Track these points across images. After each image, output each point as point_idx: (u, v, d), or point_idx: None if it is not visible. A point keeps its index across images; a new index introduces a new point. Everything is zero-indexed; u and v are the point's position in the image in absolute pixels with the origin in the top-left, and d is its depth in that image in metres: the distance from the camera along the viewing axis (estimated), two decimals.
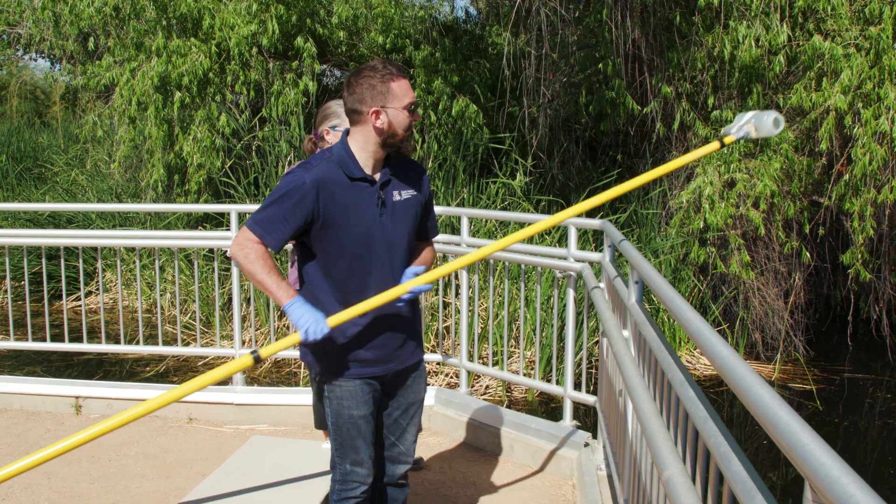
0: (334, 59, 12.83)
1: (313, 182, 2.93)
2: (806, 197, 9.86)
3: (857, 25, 8.96)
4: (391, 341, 3.11)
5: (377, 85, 2.91)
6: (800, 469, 1.31)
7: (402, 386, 3.25)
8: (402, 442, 3.30)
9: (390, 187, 3.04)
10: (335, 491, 3.20)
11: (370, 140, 2.97)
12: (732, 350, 1.90)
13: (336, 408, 3.08)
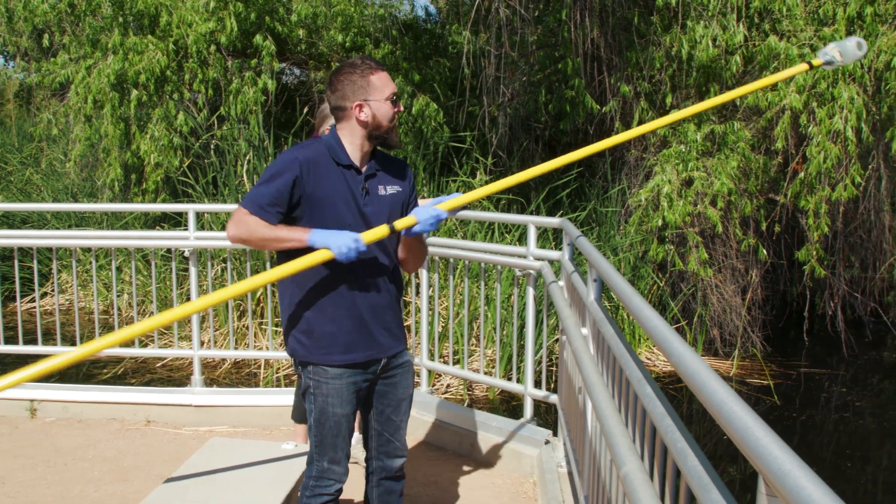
0: (294, 58, 12.76)
1: (305, 160, 2.98)
2: (762, 195, 9.98)
3: (812, 26, 9.08)
4: (371, 329, 3.12)
5: (357, 80, 2.99)
6: (753, 463, 1.32)
7: (391, 383, 3.28)
8: (397, 438, 3.34)
9: (376, 180, 3.10)
10: (309, 487, 3.20)
11: (356, 134, 3.04)
12: (688, 347, 1.91)
13: (321, 405, 3.10)
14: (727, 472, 6.84)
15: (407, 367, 3.32)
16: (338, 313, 3.07)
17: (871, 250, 10.73)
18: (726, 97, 3.64)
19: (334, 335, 3.08)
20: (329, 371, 3.09)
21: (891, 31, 8.54)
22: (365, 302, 3.10)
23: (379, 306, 3.14)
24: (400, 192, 3.17)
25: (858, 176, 8.90)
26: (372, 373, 3.19)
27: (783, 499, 1.21)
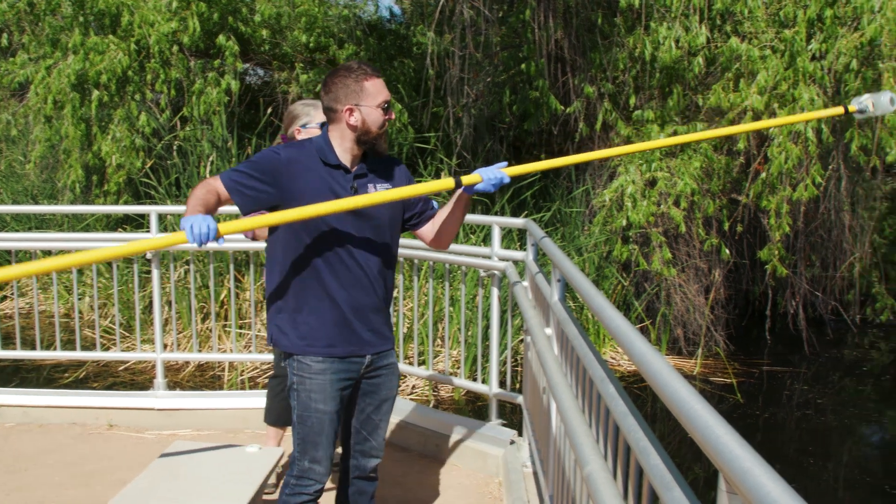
0: (257, 58, 12.68)
1: (286, 156, 3.04)
2: (725, 195, 10.07)
3: (773, 28, 9.17)
4: (353, 326, 3.14)
5: (351, 84, 3.02)
6: (714, 461, 1.33)
7: (375, 383, 3.29)
8: (375, 437, 3.35)
9: (366, 180, 3.13)
10: (289, 485, 3.21)
11: (346, 137, 3.07)
12: (651, 346, 1.92)
13: (304, 401, 3.11)
14: (692, 470, 6.89)
15: (392, 368, 3.33)
16: (321, 307, 3.10)
17: (832, 249, 10.87)
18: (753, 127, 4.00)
19: (316, 328, 3.10)
20: (313, 366, 3.09)
21: (849, 33, 8.64)
22: (349, 301, 3.11)
23: (364, 307, 3.15)
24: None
25: (819, 176, 9.00)
26: (356, 371, 3.19)
27: (743, 496, 1.21)
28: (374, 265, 3.15)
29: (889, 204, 12.50)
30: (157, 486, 3.75)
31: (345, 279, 3.09)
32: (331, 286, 3.08)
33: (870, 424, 8.71)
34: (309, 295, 3.10)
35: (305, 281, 3.09)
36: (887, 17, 8.37)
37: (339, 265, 3.08)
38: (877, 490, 6.92)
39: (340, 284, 3.09)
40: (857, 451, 8.01)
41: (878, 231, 11.77)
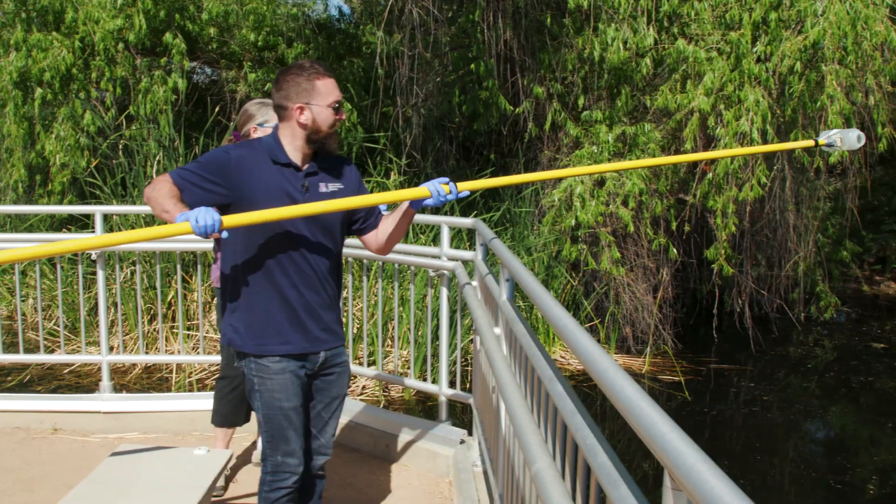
0: (205, 57, 12.56)
1: (237, 157, 3.04)
2: (672, 195, 10.17)
3: (719, 30, 9.29)
4: (306, 325, 3.16)
5: (303, 82, 3.03)
6: (659, 458, 1.34)
7: (327, 380, 3.32)
8: (323, 434, 3.36)
9: (317, 178, 3.14)
10: (266, 482, 3.24)
11: (296, 135, 3.08)
12: (597, 345, 1.93)
13: (267, 400, 3.14)
14: (641, 467, 6.95)
15: (344, 366, 3.36)
16: (273, 306, 3.11)
17: (777, 248, 11.03)
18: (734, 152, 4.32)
19: (269, 327, 3.12)
20: (272, 367, 3.12)
21: (793, 36, 8.78)
22: (300, 300, 3.13)
23: (315, 305, 3.18)
24: (342, 189, 3.19)
25: (764, 177, 9.13)
26: (311, 368, 3.23)
27: (687, 492, 1.22)
28: (324, 264, 3.17)
29: (832, 204, 12.73)
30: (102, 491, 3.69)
31: (296, 278, 3.11)
32: (282, 285, 3.10)
33: (814, 420, 8.86)
34: (261, 294, 3.11)
35: (257, 281, 3.10)
36: (830, 21, 8.51)
37: (289, 264, 3.09)
38: (821, 484, 7.03)
39: (291, 283, 3.11)
40: (802, 447, 8.14)
41: (822, 230, 11.97)
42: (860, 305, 14.96)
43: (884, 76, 9.24)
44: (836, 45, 8.69)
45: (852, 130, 4.07)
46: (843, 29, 8.52)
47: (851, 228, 12.92)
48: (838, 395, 9.56)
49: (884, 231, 16.86)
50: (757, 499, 4.49)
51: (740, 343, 10.86)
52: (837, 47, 8.73)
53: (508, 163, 11.39)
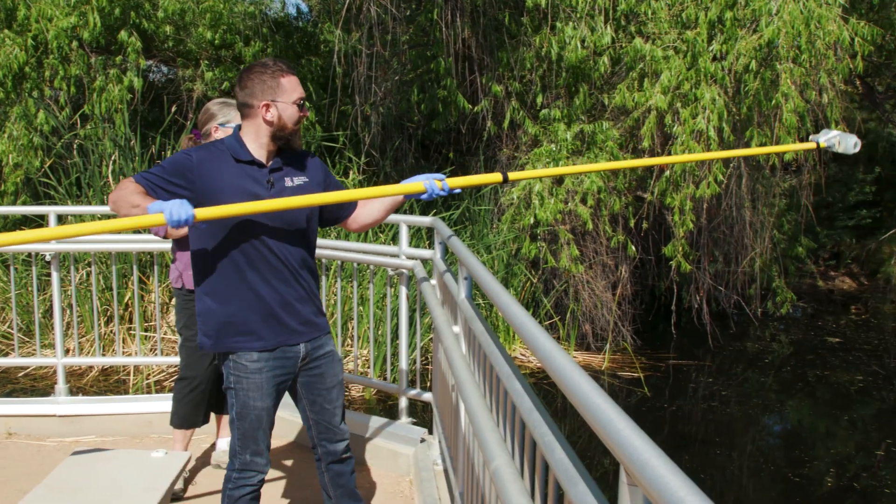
0: (161, 55, 12.44)
1: (199, 159, 3.06)
2: (630, 192, 10.24)
3: (676, 29, 9.36)
4: (281, 318, 3.18)
5: (268, 80, 3.07)
6: (615, 453, 1.34)
7: (318, 374, 3.35)
8: (334, 423, 3.42)
9: (282, 173, 3.17)
10: (231, 479, 3.26)
11: (261, 133, 3.11)
12: (554, 342, 1.93)
13: (242, 399, 3.17)
14: (601, 463, 6.98)
15: (332, 355, 3.39)
16: (242, 305, 3.13)
17: (734, 245, 11.14)
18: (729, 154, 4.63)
19: (243, 324, 3.14)
20: (249, 366, 3.15)
21: (749, 35, 8.87)
22: (273, 295, 3.16)
23: (289, 299, 3.20)
24: (308, 182, 3.22)
25: (721, 174, 9.21)
26: (292, 365, 3.26)
27: (643, 487, 1.23)
28: (295, 257, 3.19)
29: (787, 200, 12.89)
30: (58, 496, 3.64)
31: (267, 273, 3.13)
32: (254, 282, 3.12)
33: (772, 414, 8.96)
34: (233, 292, 3.13)
35: (228, 279, 3.13)
36: (784, 20, 8.61)
37: (259, 260, 3.12)
38: (779, 477, 7.12)
39: (263, 279, 3.13)
40: (760, 441, 8.23)
41: (778, 227, 12.12)
42: (815, 300, 15.17)
43: (837, 74, 9.36)
44: (790, 43, 8.80)
45: (851, 136, 4.22)
46: (797, 28, 8.63)
47: (806, 225, 13.11)
48: (795, 389, 9.68)
49: (838, 227, 17.11)
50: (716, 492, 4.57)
51: (698, 339, 10.97)
52: (791, 46, 8.84)
53: (467, 161, 11.40)
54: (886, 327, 13.19)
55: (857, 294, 16.22)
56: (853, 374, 10.22)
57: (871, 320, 13.74)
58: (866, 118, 16.28)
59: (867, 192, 17.38)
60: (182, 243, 4.28)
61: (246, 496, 3.26)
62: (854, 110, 14.92)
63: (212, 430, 4.92)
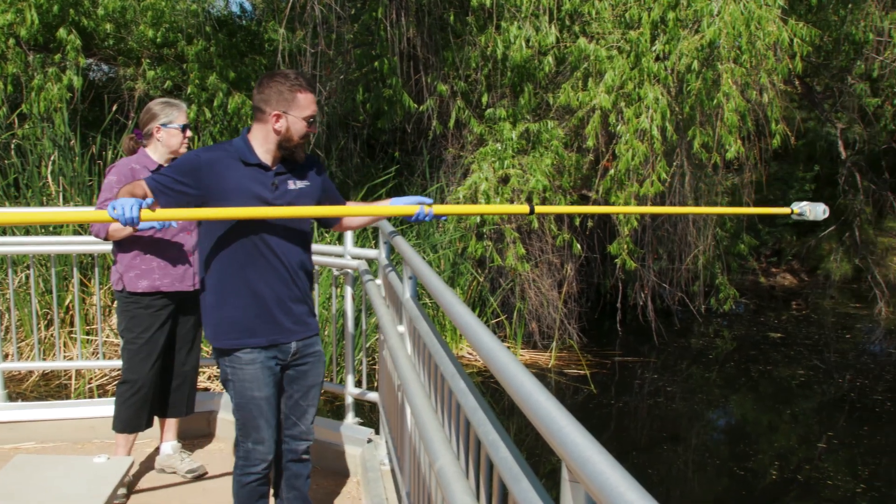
0: (101, 53, 12.25)
1: (208, 159, 3.18)
2: (576, 191, 10.31)
3: (619, 29, 9.44)
4: (275, 316, 3.31)
5: (285, 91, 3.18)
6: (556, 451, 1.34)
7: (302, 370, 3.48)
8: (303, 422, 3.54)
9: (285, 177, 3.30)
10: (238, 467, 3.41)
11: (269, 139, 3.23)
12: (497, 341, 1.93)
13: (239, 389, 3.31)
14: (549, 461, 7.01)
15: (318, 356, 3.53)
16: (239, 302, 3.26)
17: (678, 243, 11.27)
18: (711, 210, 4.98)
19: (237, 321, 3.27)
20: (243, 358, 3.28)
21: (691, 35, 8.97)
22: (269, 294, 3.28)
23: (284, 298, 3.32)
24: (310, 185, 3.38)
25: (664, 172, 9.31)
26: (283, 359, 3.39)
27: (584, 484, 1.23)
28: (294, 259, 3.32)
29: (730, 199, 13.06)
30: None
31: (266, 272, 3.26)
32: (253, 280, 3.25)
33: (716, 409, 9.08)
34: (231, 290, 3.26)
35: (230, 277, 3.25)
36: (725, 21, 8.72)
37: (259, 259, 3.24)
38: (724, 471, 7.22)
39: (262, 278, 3.25)
40: (705, 435, 8.34)
41: (721, 224, 12.28)
42: (758, 297, 15.42)
43: (776, 74, 9.51)
44: (731, 44, 8.92)
45: (819, 205, 4.73)
46: (738, 29, 8.74)
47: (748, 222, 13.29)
48: (738, 383, 9.82)
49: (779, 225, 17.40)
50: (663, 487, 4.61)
51: (643, 335, 11.08)
52: (733, 46, 8.96)
53: (413, 161, 11.39)
54: (826, 322, 13.44)
55: (797, 290, 16.51)
56: (795, 368, 10.39)
57: (811, 316, 14.00)
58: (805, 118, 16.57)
59: (807, 191, 17.68)
60: (123, 245, 4.21)
61: (253, 483, 3.41)
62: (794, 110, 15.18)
63: (155, 434, 4.85)
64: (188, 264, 4.32)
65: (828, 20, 12.28)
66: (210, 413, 5.44)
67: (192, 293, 4.37)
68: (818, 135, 17.14)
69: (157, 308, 4.27)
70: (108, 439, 5.08)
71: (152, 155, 4.27)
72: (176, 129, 4.24)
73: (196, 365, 4.63)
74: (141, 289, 4.21)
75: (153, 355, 4.29)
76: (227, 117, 10.89)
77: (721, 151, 9.38)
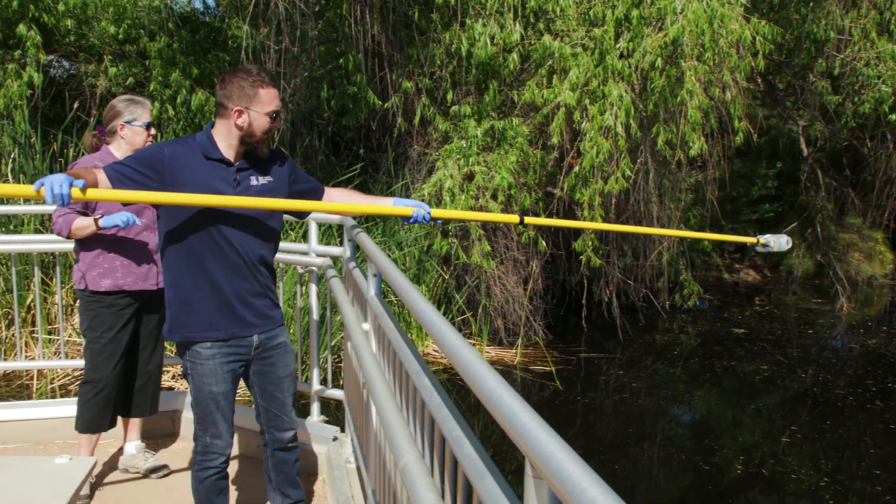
0: (62, 50, 12.10)
1: (170, 153, 3.17)
2: (540, 188, 10.33)
3: (584, 27, 9.47)
4: (235, 309, 3.32)
5: (246, 87, 3.18)
6: (520, 447, 1.35)
7: (269, 363, 3.49)
8: (284, 412, 3.58)
9: (248, 173, 3.29)
10: (197, 462, 3.44)
11: (231, 135, 3.23)
12: (461, 337, 1.94)
13: (197, 384, 3.33)
14: (514, 457, 7.03)
15: (283, 347, 3.53)
16: (199, 294, 3.26)
17: (642, 239, 11.34)
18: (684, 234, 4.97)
19: (199, 314, 3.27)
20: (202, 352, 3.29)
21: (654, 33, 9.02)
22: (229, 288, 3.28)
23: (244, 292, 3.32)
24: (272, 181, 3.36)
25: (628, 169, 9.36)
26: (245, 354, 3.40)
27: (547, 480, 1.23)
28: (253, 252, 3.31)
29: (693, 195, 13.17)
30: None
31: (224, 266, 3.25)
32: (213, 273, 3.24)
33: (681, 405, 9.15)
34: (192, 283, 3.25)
35: (190, 270, 3.25)
36: (689, 19, 8.78)
37: (219, 253, 3.23)
38: (689, 466, 7.27)
39: (222, 272, 3.25)
40: (670, 431, 8.40)
41: (684, 221, 12.38)
42: (721, 293, 15.56)
43: (739, 72, 9.59)
44: (694, 42, 8.98)
45: (783, 236, 4.94)
46: (701, 26, 8.81)
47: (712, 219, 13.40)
48: (703, 379, 9.90)
49: (742, 221, 17.57)
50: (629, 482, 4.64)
51: (609, 332, 11.14)
52: (696, 44, 9.02)
53: (378, 158, 11.37)
54: (789, 318, 13.59)
55: (760, 286, 16.69)
56: (758, 363, 10.50)
57: (774, 311, 14.15)
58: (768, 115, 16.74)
59: (769, 187, 17.89)
60: (85, 243, 4.18)
61: (211, 477, 3.44)
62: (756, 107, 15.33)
63: (119, 433, 4.81)
64: (152, 263, 4.29)
65: (789, 18, 12.41)
66: (174, 412, 5.40)
67: (155, 292, 4.34)
68: (780, 132, 17.33)
69: (121, 307, 4.24)
70: (71, 440, 5.04)
71: (115, 152, 4.23)
72: (140, 126, 4.22)
73: (160, 364, 4.60)
74: (104, 287, 4.17)
75: (116, 355, 4.26)
76: (190, 114, 10.81)
77: (685, 148, 9.44)
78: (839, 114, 13.61)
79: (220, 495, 3.52)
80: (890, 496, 6.66)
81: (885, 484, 6.90)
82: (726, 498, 6.73)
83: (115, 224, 4.00)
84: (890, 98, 11.76)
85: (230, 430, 3.45)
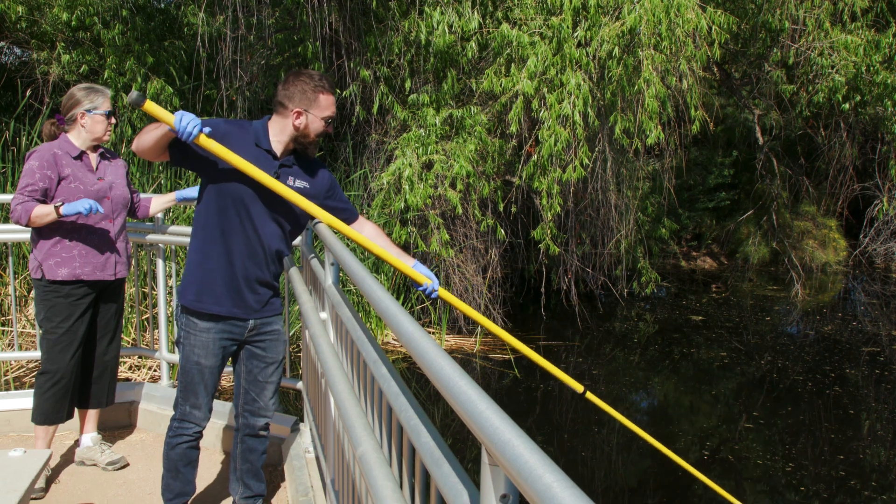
0: (13, 37, 11.91)
1: (226, 130, 3.34)
2: (499, 177, 10.35)
3: (542, 15, 9.49)
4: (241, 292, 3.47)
5: (308, 91, 3.36)
6: (476, 434, 1.35)
7: (261, 346, 3.63)
8: (261, 397, 3.69)
9: (289, 171, 3.46)
10: (172, 428, 3.59)
11: (286, 132, 3.41)
12: (417, 325, 1.93)
13: (187, 353, 3.50)
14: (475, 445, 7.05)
15: (277, 334, 3.68)
16: (213, 266, 3.42)
17: (600, 227, 11.41)
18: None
19: (208, 287, 3.43)
20: (199, 324, 3.46)
21: (612, 22, 9.06)
22: (242, 270, 3.44)
23: (254, 277, 3.47)
24: (308, 188, 3.49)
25: (586, 158, 9.40)
26: (239, 334, 3.55)
27: (503, 468, 1.24)
28: (274, 245, 3.48)
29: (651, 184, 13.27)
30: None
31: (245, 250, 3.42)
32: (231, 253, 3.41)
33: (639, 391, 9.23)
34: (212, 256, 3.41)
35: (213, 244, 3.41)
36: (646, 8, 8.83)
37: (242, 237, 3.39)
38: (647, 451, 7.33)
39: (239, 254, 3.41)
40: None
41: (642, 209, 12.46)
42: (679, 280, 15.71)
43: (696, 61, 9.67)
44: (651, 31, 9.03)
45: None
46: (658, 16, 8.86)
47: (669, 207, 13.54)
48: (661, 366, 9.99)
49: (698, 209, 17.75)
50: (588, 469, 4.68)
51: (568, 320, 11.20)
52: (653, 33, 9.07)
53: (336, 147, 11.32)
54: (745, 305, 13.75)
55: (717, 273, 16.87)
56: (716, 350, 10.62)
57: (731, 298, 14.31)
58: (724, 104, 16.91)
59: (726, 176, 18.07)
60: (43, 232, 4.13)
61: (182, 444, 3.59)
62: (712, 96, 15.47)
63: (75, 426, 4.76)
64: (111, 252, 4.25)
65: (745, 8, 12.52)
66: (131, 403, 5.35)
67: (113, 282, 4.30)
68: (736, 121, 17.52)
69: (78, 297, 4.19)
70: (26, 432, 4.98)
71: (74, 141, 4.19)
72: (101, 115, 4.21)
73: (117, 354, 4.56)
74: (61, 277, 4.13)
75: (73, 345, 4.21)
76: None
77: (642, 137, 9.50)
78: (794, 103, 13.79)
79: (189, 466, 3.65)
80: (851, 480, 6.78)
81: (844, 468, 7.02)
82: (685, 482, 6.80)
83: (77, 211, 3.96)
84: (843, 87, 11.93)
85: (209, 406, 3.59)
